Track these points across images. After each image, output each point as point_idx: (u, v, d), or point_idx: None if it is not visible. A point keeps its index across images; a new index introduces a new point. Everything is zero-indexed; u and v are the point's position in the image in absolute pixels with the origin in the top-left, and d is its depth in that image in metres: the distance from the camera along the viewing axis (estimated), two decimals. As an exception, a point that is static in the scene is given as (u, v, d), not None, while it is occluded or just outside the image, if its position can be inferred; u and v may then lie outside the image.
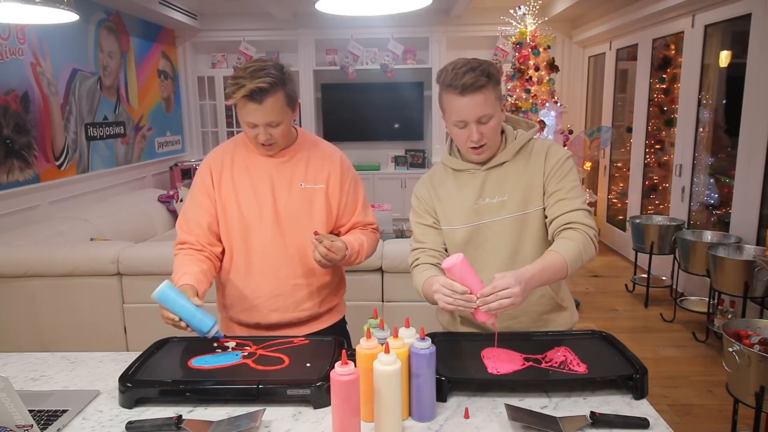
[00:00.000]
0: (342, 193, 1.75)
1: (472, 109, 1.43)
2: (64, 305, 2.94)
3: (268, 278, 1.70)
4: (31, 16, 2.00)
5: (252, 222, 1.68)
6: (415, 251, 1.64)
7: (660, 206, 5.11)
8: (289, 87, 1.59)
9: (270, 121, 1.58)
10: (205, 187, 1.71)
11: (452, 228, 1.59)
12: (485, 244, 1.57)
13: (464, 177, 1.59)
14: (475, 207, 1.56)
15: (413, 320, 1.28)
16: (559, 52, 6.68)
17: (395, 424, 1.13)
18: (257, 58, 1.63)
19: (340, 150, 1.81)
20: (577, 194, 1.51)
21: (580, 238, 1.44)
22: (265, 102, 1.54)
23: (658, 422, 1.16)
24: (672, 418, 2.74)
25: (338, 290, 1.86)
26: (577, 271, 1.50)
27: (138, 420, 1.19)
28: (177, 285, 1.53)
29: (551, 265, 1.39)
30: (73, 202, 4.42)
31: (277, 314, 1.72)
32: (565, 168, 1.53)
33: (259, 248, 1.69)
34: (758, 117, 3.52)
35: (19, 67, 3.85)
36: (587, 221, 1.48)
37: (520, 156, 1.56)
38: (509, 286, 1.27)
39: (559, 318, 1.65)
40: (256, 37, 6.62)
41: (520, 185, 1.54)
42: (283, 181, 1.69)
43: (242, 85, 1.52)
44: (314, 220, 1.70)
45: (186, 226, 1.70)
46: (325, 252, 1.59)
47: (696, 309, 3.92)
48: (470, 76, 1.40)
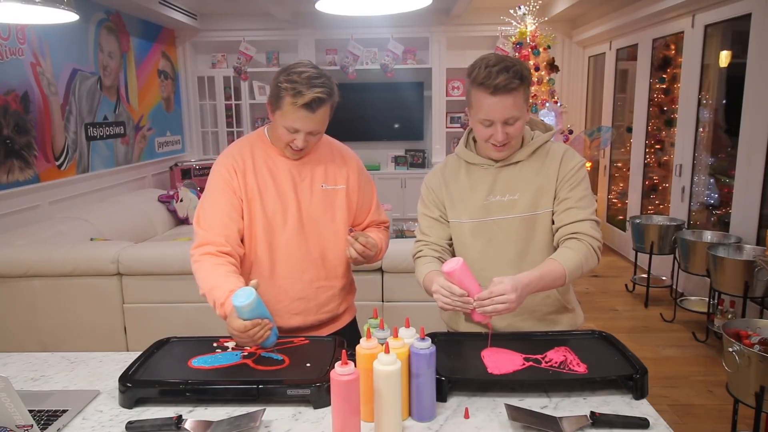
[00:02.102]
0: (359, 192, 1.75)
1: (501, 110, 1.43)
2: (64, 305, 2.94)
3: (293, 281, 1.67)
4: (31, 16, 2.00)
5: (276, 224, 1.64)
6: (418, 243, 1.66)
7: (660, 206, 5.11)
8: (335, 97, 1.58)
9: (313, 130, 1.56)
10: (230, 187, 1.61)
11: (460, 221, 1.59)
12: (493, 241, 1.57)
13: (477, 171, 1.59)
14: (485, 203, 1.56)
15: (413, 320, 1.28)
16: (559, 52, 6.68)
17: (395, 424, 1.13)
18: (300, 62, 1.56)
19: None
20: (586, 204, 1.53)
21: (582, 248, 1.47)
22: (318, 111, 1.52)
23: (658, 422, 1.16)
24: (672, 418, 2.74)
25: (351, 290, 1.86)
26: (576, 280, 1.53)
27: (138, 420, 1.19)
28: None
29: (549, 273, 1.42)
30: (73, 202, 4.42)
31: (300, 317, 1.69)
32: (579, 176, 1.54)
33: (283, 251, 1.65)
34: (758, 117, 3.52)
35: (19, 67, 3.85)
36: (593, 233, 1.50)
37: (535, 157, 1.57)
38: (505, 292, 1.31)
39: (564, 319, 1.65)
40: (256, 37, 6.62)
41: (533, 186, 1.55)
42: (305, 182, 1.66)
43: (299, 91, 1.48)
44: (336, 220, 1.70)
45: (208, 226, 1.59)
46: (361, 249, 1.60)
47: (696, 309, 3.92)
48: (504, 77, 1.40)
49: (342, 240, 1.69)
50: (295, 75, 1.50)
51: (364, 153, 7.02)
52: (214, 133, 6.99)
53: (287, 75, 1.51)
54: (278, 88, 1.52)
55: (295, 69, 1.52)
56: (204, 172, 5.86)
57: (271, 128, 1.66)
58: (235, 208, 1.61)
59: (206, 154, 6.98)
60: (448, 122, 6.95)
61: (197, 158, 6.65)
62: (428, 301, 2.90)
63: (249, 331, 1.34)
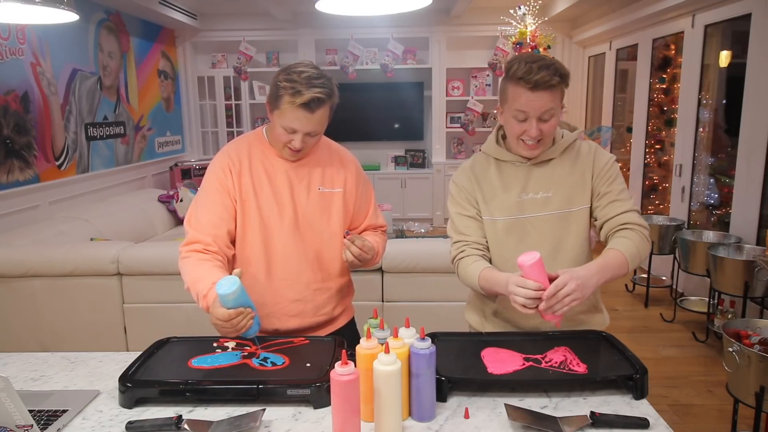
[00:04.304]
0: (357, 196, 1.74)
1: (538, 105, 1.44)
2: (64, 305, 2.94)
3: (290, 283, 1.66)
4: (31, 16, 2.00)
5: (272, 225, 1.62)
6: (458, 243, 1.62)
7: (660, 206, 5.11)
8: (335, 99, 1.57)
9: (312, 131, 1.54)
10: (224, 187, 1.60)
11: (493, 219, 1.59)
12: (526, 238, 1.57)
13: (508, 169, 1.59)
14: (518, 201, 1.57)
15: (413, 320, 1.28)
16: (559, 52, 6.68)
17: (395, 424, 1.13)
18: (300, 63, 1.56)
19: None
20: (627, 196, 1.56)
21: (636, 236, 1.49)
22: (316, 112, 1.51)
23: (658, 422, 1.16)
24: (672, 418, 2.74)
25: (349, 293, 1.85)
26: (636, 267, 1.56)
27: (138, 420, 1.19)
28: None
29: (612, 260, 1.44)
30: (73, 202, 4.42)
31: (297, 320, 1.68)
32: (614, 171, 1.57)
33: (280, 253, 1.64)
34: (758, 117, 3.52)
35: (19, 67, 3.85)
36: (641, 221, 1.53)
37: (566, 155, 1.58)
38: (565, 282, 1.30)
39: (594, 319, 1.65)
40: (256, 37, 6.62)
41: (566, 183, 1.56)
42: (302, 184, 1.65)
43: (298, 91, 1.47)
44: (332, 223, 1.68)
45: (198, 225, 1.58)
46: (358, 252, 1.59)
47: (696, 309, 3.92)
48: (545, 73, 1.41)
49: (338, 242, 1.68)
50: (295, 75, 1.49)
51: (364, 153, 7.04)
52: (214, 133, 7.00)
53: (287, 74, 1.51)
54: (277, 87, 1.51)
55: (295, 69, 1.52)
56: (204, 172, 5.84)
57: (270, 128, 1.65)
58: (227, 209, 1.60)
59: (206, 154, 6.98)
60: (448, 122, 6.95)
61: (197, 158, 6.65)
62: (428, 301, 2.93)
63: (233, 320, 1.33)
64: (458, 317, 1.83)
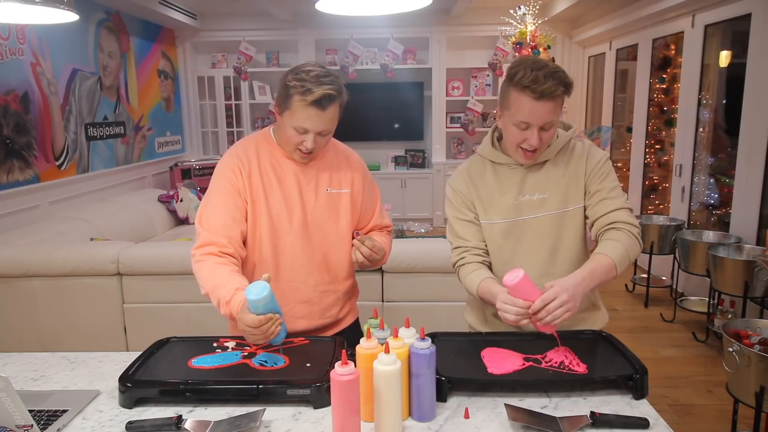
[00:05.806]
0: (364, 196, 1.73)
1: (542, 115, 1.43)
2: (64, 305, 2.94)
3: (297, 284, 1.65)
4: (31, 16, 1.99)
5: (281, 227, 1.61)
6: (458, 249, 1.62)
7: (660, 206, 5.11)
8: (344, 96, 1.56)
9: (323, 130, 1.53)
10: (235, 188, 1.58)
11: (491, 222, 1.59)
12: (523, 240, 1.57)
13: (504, 171, 1.59)
14: (515, 203, 1.57)
15: (413, 320, 1.28)
16: (559, 52, 6.68)
17: (395, 424, 1.13)
18: (307, 63, 1.55)
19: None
20: (618, 194, 1.55)
21: (624, 237, 1.48)
22: (327, 109, 1.50)
23: (658, 422, 1.16)
24: (672, 418, 2.74)
25: (354, 294, 1.85)
26: (626, 270, 1.54)
27: (138, 420, 1.19)
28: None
29: (599, 267, 1.43)
30: (73, 202, 4.42)
31: (304, 321, 1.67)
32: (606, 168, 1.56)
33: (288, 254, 1.63)
34: (758, 117, 3.52)
35: (19, 67, 3.85)
36: (630, 220, 1.51)
37: (561, 155, 1.58)
38: (556, 295, 1.30)
39: (592, 317, 1.66)
40: (256, 37, 6.62)
41: (562, 184, 1.56)
42: (310, 185, 1.64)
43: (308, 89, 1.46)
44: (340, 224, 1.68)
45: (211, 227, 1.55)
46: (368, 252, 1.58)
47: (696, 309, 3.92)
48: (551, 84, 1.40)
49: (346, 244, 1.68)
50: (304, 74, 1.49)
51: (364, 153, 6.97)
52: (214, 133, 7.00)
53: (295, 74, 1.50)
54: (287, 88, 1.49)
55: (303, 68, 1.51)
56: (204, 172, 5.86)
57: (278, 130, 1.63)
58: (239, 210, 1.59)
59: (206, 154, 6.98)
60: (448, 122, 6.95)
61: (197, 158, 6.65)
62: (428, 301, 2.93)
63: (262, 326, 1.31)
64: (458, 317, 1.83)
